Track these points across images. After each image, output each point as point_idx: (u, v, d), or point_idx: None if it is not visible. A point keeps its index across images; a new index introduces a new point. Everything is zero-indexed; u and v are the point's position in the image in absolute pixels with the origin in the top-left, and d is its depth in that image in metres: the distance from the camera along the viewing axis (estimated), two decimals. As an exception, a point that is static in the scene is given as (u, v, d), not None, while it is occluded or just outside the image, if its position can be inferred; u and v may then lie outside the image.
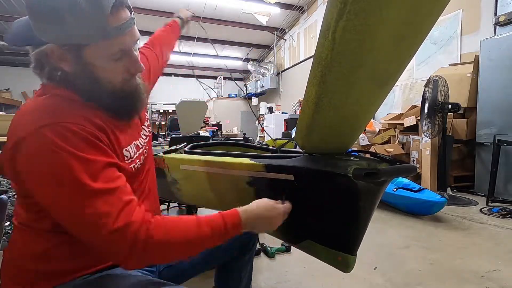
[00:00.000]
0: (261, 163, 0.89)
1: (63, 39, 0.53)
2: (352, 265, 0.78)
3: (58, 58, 0.56)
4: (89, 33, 0.52)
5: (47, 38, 0.53)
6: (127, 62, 0.60)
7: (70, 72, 0.57)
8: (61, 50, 0.55)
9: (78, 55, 0.55)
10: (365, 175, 0.67)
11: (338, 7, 0.50)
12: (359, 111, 0.74)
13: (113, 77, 0.59)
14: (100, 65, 0.57)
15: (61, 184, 0.50)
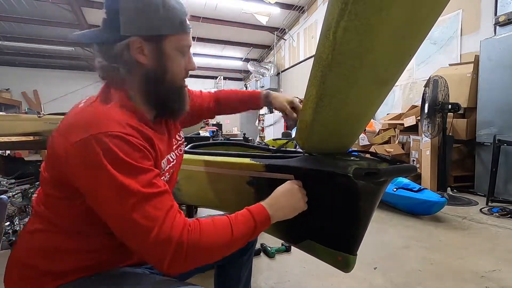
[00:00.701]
0: (261, 163, 0.89)
1: (151, 29, 0.61)
2: (352, 265, 0.78)
3: (137, 50, 0.62)
4: (174, 24, 0.62)
5: (133, 31, 0.60)
6: (187, 59, 0.69)
7: (144, 63, 0.63)
8: (142, 43, 0.61)
9: (157, 46, 0.62)
10: (365, 175, 0.67)
11: (339, 8, 0.50)
12: (360, 111, 0.74)
13: (177, 71, 0.67)
14: (173, 56, 0.65)
15: (112, 187, 0.52)
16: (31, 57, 9.73)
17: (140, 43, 0.61)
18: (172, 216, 0.54)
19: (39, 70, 10.42)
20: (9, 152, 4.65)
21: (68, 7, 6.67)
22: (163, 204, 0.55)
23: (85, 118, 0.58)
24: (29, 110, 3.76)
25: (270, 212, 0.66)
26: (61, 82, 10.70)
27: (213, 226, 0.59)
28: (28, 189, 1.59)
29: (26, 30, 7.99)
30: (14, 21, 7.26)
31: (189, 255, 0.54)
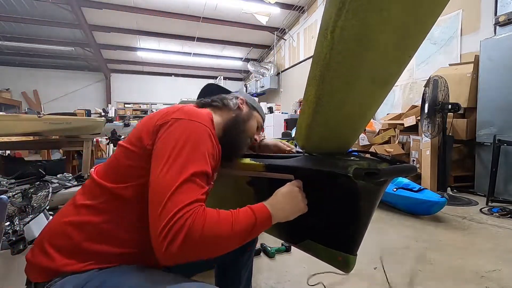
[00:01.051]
0: (261, 163, 0.89)
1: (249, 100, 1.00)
2: (352, 265, 0.78)
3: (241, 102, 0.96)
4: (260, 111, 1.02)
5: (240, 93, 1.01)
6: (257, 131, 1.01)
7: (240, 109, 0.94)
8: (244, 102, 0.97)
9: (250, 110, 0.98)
10: (365, 175, 0.67)
11: (336, 7, 0.50)
12: (359, 111, 0.74)
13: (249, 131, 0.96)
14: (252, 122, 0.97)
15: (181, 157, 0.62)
16: (31, 57, 9.73)
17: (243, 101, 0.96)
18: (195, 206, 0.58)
19: (39, 70, 10.43)
20: (9, 152, 4.65)
21: (68, 7, 6.67)
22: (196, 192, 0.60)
23: (186, 109, 0.71)
24: (29, 110, 3.75)
25: (272, 211, 0.68)
26: (61, 82, 10.71)
27: (216, 217, 0.60)
28: (28, 189, 1.59)
29: (26, 30, 7.99)
30: (14, 21, 7.26)
31: (187, 241, 0.55)
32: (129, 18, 7.51)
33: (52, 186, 1.61)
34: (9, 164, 3.34)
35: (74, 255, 0.64)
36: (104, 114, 6.59)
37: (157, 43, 9.39)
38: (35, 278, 0.65)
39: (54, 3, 6.48)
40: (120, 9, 6.91)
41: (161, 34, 8.54)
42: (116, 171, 0.70)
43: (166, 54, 9.99)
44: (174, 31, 8.48)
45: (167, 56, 10.16)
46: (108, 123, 4.05)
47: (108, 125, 3.74)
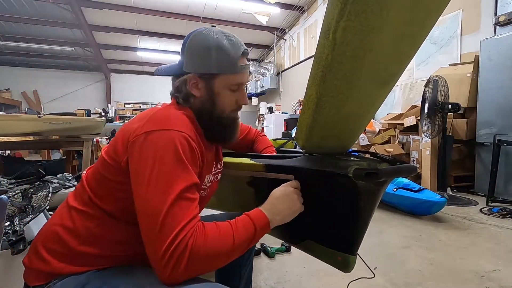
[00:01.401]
0: (261, 163, 0.89)
1: (205, 69, 0.72)
2: (352, 265, 0.78)
3: (193, 85, 0.74)
4: (224, 66, 0.73)
5: (191, 68, 0.73)
6: (239, 94, 0.78)
7: (197, 96, 0.75)
8: (197, 79, 0.74)
9: (208, 83, 0.74)
10: (365, 175, 0.67)
11: (338, 8, 0.50)
12: (360, 111, 0.74)
13: (226, 105, 0.77)
14: (222, 92, 0.75)
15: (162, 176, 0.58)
16: (31, 57, 9.72)
17: (196, 79, 0.74)
18: (190, 226, 0.57)
19: (39, 70, 10.42)
20: (9, 152, 4.65)
21: (68, 7, 6.66)
22: (188, 213, 0.58)
23: (159, 116, 0.67)
24: (29, 110, 3.76)
25: (269, 217, 0.67)
26: (61, 82, 10.70)
27: (217, 233, 0.60)
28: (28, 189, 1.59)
29: (26, 30, 7.98)
30: (14, 21, 7.26)
31: (190, 263, 0.54)
32: (129, 18, 7.51)
33: (52, 186, 1.61)
34: (9, 164, 3.34)
35: (70, 259, 0.65)
36: (104, 114, 6.60)
37: (157, 43, 9.39)
38: (33, 282, 0.65)
39: (54, 3, 6.48)
40: (120, 9, 6.90)
41: (161, 34, 8.53)
42: (98, 182, 0.69)
43: (166, 54, 9.99)
44: (174, 31, 8.48)
45: (167, 56, 10.15)
46: (108, 123, 4.05)
47: (108, 125, 3.75)
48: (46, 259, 0.64)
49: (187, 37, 0.74)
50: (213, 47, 0.71)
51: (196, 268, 0.56)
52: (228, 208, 1.18)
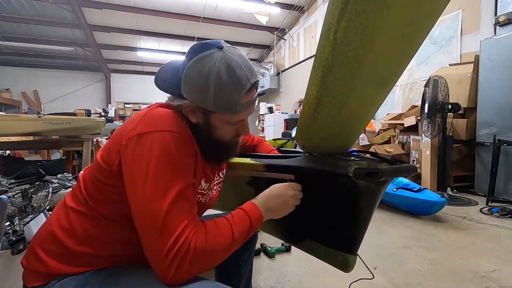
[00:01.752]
0: (262, 163, 0.89)
1: (202, 103, 0.66)
2: (352, 265, 0.78)
3: (191, 111, 0.69)
4: (222, 107, 0.66)
5: (189, 97, 0.67)
6: (240, 127, 0.74)
7: (195, 122, 0.70)
8: (195, 108, 0.68)
9: (206, 116, 0.69)
10: (365, 175, 0.67)
11: (339, 8, 0.50)
12: (360, 111, 0.74)
13: (225, 136, 0.73)
14: (220, 127, 0.71)
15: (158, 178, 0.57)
16: (31, 57, 9.72)
17: (193, 108, 0.68)
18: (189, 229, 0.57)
19: (39, 70, 10.42)
20: (9, 152, 4.65)
21: (68, 7, 6.66)
22: (186, 214, 0.58)
23: (151, 117, 0.65)
24: (29, 110, 3.76)
25: (262, 210, 0.68)
26: (61, 82, 10.70)
27: (216, 230, 0.60)
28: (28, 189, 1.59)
29: (26, 30, 7.98)
30: (14, 21, 7.26)
31: (193, 263, 0.55)
32: (129, 18, 7.51)
33: (52, 186, 1.61)
34: (9, 164, 3.34)
35: (67, 259, 0.64)
36: (104, 114, 6.60)
37: (157, 43, 9.39)
38: (32, 283, 0.65)
39: (54, 3, 6.48)
40: (120, 9, 6.90)
41: (161, 34, 8.53)
42: (94, 184, 0.68)
43: (166, 54, 9.99)
44: (174, 31, 8.48)
45: (167, 56, 10.15)
46: (108, 123, 4.05)
47: (108, 125, 3.75)
48: (44, 260, 0.64)
49: (187, 57, 0.66)
50: (211, 83, 0.62)
51: (199, 267, 0.56)
52: (228, 208, 1.18)
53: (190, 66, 0.64)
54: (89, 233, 0.66)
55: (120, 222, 0.67)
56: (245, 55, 0.70)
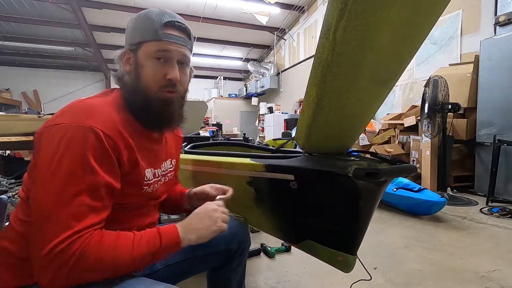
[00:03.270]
0: (261, 163, 0.89)
1: (132, 39, 0.68)
2: (352, 265, 0.78)
3: (126, 61, 0.69)
4: (145, 33, 0.67)
5: (125, 43, 0.70)
6: (168, 67, 0.68)
7: (128, 72, 0.69)
8: (129, 53, 0.69)
9: (135, 55, 0.68)
10: (365, 175, 0.67)
11: (338, 8, 0.50)
12: (360, 111, 0.74)
13: (150, 78, 0.67)
14: (145, 63, 0.67)
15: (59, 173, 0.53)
16: (31, 57, 9.72)
17: (128, 54, 0.68)
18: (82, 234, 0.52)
19: (39, 70, 10.42)
20: (9, 152, 4.65)
21: (68, 7, 6.66)
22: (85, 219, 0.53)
23: (77, 107, 0.60)
24: (29, 110, 3.76)
25: (182, 234, 0.62)
26: (61, 82, 10.70)
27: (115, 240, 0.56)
28: (28, 189, 1.61)
29: (26, 30, 7.98)
30: (14, 21, 7.26)
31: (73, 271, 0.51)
32: (129, 18, 7.48)
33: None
34: (9, 164, 3.34)
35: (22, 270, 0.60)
36: (104, 114, 6.59)
37: (157, 43, 9.39)
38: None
39: (54, 3, 6.48)
40: (120, 9, 6.91)
41: (161, 34, 8.53)
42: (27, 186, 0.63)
43: (166, 54, 9.98)
44: (174, 31, 8.47)
45: (167, 56, 10.14)
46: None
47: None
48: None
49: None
50: (140, 17, 0.68)
51: (81, 276, 0.53)
52: (228, 208, 1.18)
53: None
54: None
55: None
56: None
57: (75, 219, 0.52)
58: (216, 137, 3.88)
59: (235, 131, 9.00)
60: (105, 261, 0.54)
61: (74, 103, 0.62)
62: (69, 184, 0.53)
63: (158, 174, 0.74)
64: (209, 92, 11.24)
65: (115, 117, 0.62)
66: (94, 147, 0.56)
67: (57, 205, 0.52)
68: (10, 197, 1.82)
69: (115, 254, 0.55)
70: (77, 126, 0.55)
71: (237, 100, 11.03)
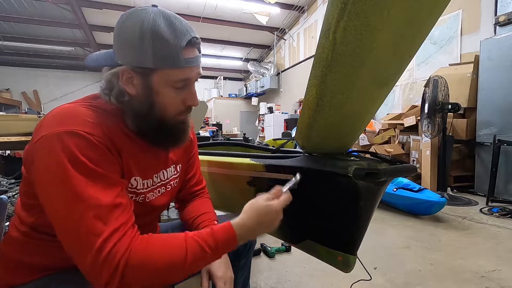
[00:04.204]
0: (261, 163, 0.89)
1: (139, 61, 0.56)
2: (352, 265, 0.78)
3: (126, 80, 0.59)
4: (162, 59, 0.56)
5: (124, 59, 0.57)
6: (187, 93, 0.63)
7: (133, 95, 0.60)
8: (131, 73, 0.58)
9: (145, 79, 0.58)
10: (365, 175, 0.67)
11: (338, 8, 0.50)
12: (360, 111, 0.74)
13: (169, 107, 0.62)
14: (162, 91, 0.60)
15: (62, 189, 0.50)
16: (31, 57, 9.72)
17: (130, 73, 0.58)
18: (117, 236, 0.49)
19: (39, 70, 10.42)
20: (9, 152, 4.65)
21: (68, 7, 6.66)
22: (111, 220, 0.50)
23: (55, 115, 0.55)
24: (29, 110, 3.76)
25: (238, 232, 0.57)
26: (61, 82, 10.70)
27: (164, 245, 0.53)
28: (28, 189, 1.61)
29: (26, 30, 7.98)
30: (14, 21, 7.26)
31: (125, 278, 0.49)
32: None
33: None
34: (9, 164, 3.34)
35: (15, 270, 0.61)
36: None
37: (157, 43, 9.39)
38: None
39: (54, 3, 6.48)
40: (120, 9, 6.90)
41: (161, 34, 8.53)
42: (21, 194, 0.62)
43: (166, 54, 9.98)
44: (174, 31, 8.48)
45: (167, 56, 10.14)
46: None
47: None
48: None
49: (119, 19, 0.58)
50: (148, 33, 0.54)
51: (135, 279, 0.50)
52: (229, 208, 1.18)
53: (122, 21, 0.57)
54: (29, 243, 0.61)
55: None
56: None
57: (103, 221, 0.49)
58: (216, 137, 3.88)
59: (235, 131, 9.01)
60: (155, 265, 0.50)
61: (49, 113, 0.56)
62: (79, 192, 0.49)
63: (149, 184, 0.68)
64: (209, 92, 11.23)
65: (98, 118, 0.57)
66: (84, 149, 0.51)
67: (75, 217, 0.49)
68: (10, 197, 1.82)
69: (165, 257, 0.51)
70: (57, 134, 0.51)
71: (237, 100, 11.03)
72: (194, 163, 0.87)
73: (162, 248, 0.52)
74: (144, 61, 0.56)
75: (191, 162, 0.85)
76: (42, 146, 0.52)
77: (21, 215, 0.62)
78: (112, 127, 0.59)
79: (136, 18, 0.55)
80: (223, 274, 0.66)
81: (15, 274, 0.61)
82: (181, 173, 0.80)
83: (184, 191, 0.86)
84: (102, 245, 0.48)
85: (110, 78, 0.59)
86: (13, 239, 0.63)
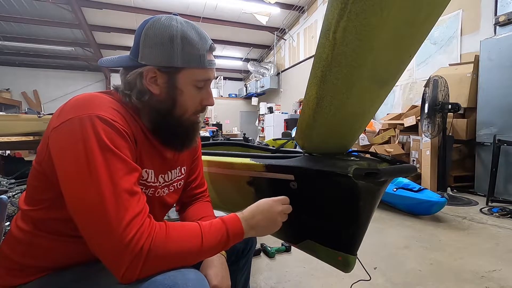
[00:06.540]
0: (261, 163, 0.89)
1: (167, 61, 0.61)
2: (352, 265, 0.78)
3: (150, 80, 0.63)
4: (191, 59, 0.62)
5: (150, 60, 0.62)
6: (204, 93, 0.68)
7: (155, 94, 0.64)
8: (156, 73, 0.62)
9: (171, 78, 0.63)
10: (365, 175, 0.67)
11: (339, 8, 0.50)
12: (360, 111, 0.74)
13: (189, 105, 0.66)
14: (186, 89, 0.65)
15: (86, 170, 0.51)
16: (31, 57, 9.73)
17: (155, 73, 0.62)
18: (138, 222, 0.51)
19: (39, 70, 10.43)
20: (9, 152, 4.65)
21: (68, 7, 6.67)
22: (133, 205, 0.51)
23: (76, 101, 0.57)
24: (29, 110, 3.77)
25: (245, 227, 0.63)
26: (61, 82, 10.70)
27: (181, 232, 0.55)
28: (28, 189, 1.61)
29: (26, 30, 7.99)
30: (14, 21, 7.26)
31: (147, 264, 0.50)
32: (129, 18, 7.51)
33: (52, 186, 1.61)
34: (9, 164, 3.34)
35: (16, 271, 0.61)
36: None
37: (157, 43, 9.39)
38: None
39: (54, 3, 6.48)
40: (120, 9, 6.91)
41: (161, 34, 8.53)
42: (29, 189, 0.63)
43: (166, 54, 9.98)
44: (174, 31, 8.48)
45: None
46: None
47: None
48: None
49: (142, 24, 0.64)
50: (178, 36, 0.61)
51: (156, 265, 0.51)
52: (229, 208, 1.18)
53: (150, 26, 0.62)
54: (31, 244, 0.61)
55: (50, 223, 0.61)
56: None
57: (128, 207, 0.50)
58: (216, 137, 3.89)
59: (235, 131, 9.02)
60: (176, 250, 0.53)
61: (70, 100, 0.58)
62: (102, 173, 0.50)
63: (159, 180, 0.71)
64: (209, 92, 11.23)
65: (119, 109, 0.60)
66: (109, 133, 0.53)
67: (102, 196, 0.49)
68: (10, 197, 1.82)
69: (184, 244, 0.54)
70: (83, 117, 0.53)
71: (237, 100, 11.04)
72: (197, 166, 0.89)
73: (180, 236, 0.55)
74: (172, 61, 0.61)
75: (195, 165, 0.87)
76: (69, 128, 0.53)
77: (27, 210, 0.62)
78: (130, 119, 0.62)
79: (164, 23, 0.62)
80: (219, 283, 0.67)
81: (16, 274, 0.62)
82: (185, 175, 0.82)
83: (185, 193, 0.87)
84: (125, 230, 0.49)
85: (134, 78, 0.63)
86: (15, 240, 0.62)
